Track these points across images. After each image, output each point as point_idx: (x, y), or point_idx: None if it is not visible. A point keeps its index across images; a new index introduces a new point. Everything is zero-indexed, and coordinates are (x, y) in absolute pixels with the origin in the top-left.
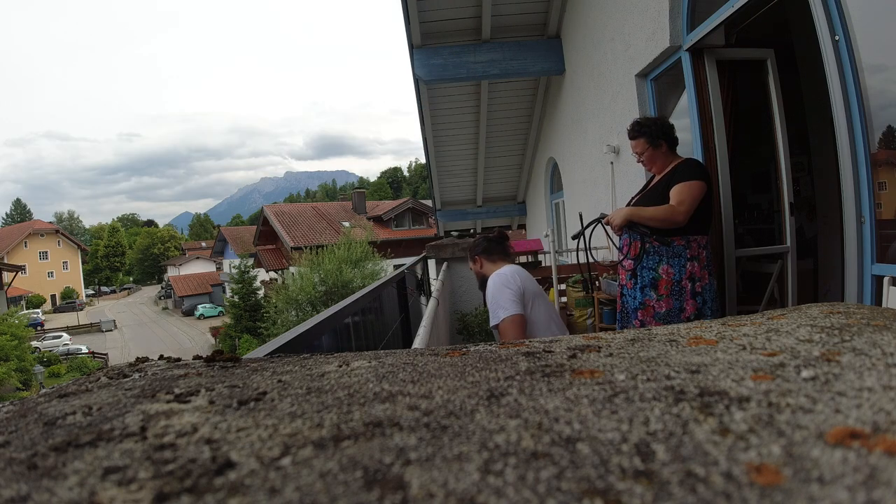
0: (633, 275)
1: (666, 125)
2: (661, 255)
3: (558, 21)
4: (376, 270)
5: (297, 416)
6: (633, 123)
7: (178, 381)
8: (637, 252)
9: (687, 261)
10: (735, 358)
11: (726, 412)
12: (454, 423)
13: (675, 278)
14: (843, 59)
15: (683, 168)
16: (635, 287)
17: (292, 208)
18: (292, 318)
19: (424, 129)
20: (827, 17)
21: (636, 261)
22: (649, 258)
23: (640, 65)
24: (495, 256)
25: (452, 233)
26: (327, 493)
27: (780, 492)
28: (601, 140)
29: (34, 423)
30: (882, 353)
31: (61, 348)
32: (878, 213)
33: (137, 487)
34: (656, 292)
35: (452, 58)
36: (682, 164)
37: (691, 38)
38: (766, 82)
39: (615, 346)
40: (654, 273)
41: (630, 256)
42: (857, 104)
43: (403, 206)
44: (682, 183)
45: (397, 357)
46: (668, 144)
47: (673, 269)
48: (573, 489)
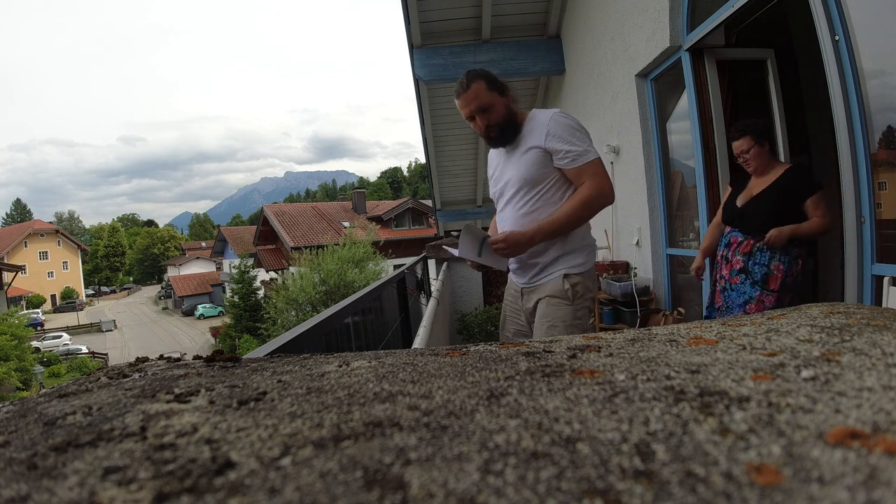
0: (741, 270)
1: (769, 125)
2: (774, 252)
3: (558, 21)
4: (377, 271)
5: (297, 416)
6: (739, 122)
7: (178, 381)
8: (748, 249)
9: (794, 258)
10: (735, 358)
11: (726, 412)
12: (454, 423)
13: (785, 275)
14: (843, 60)
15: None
16: (744, 283)
17: (292, 208)
18: (292, 319)
19: (424, 130)
20: (827, 17)
21: (747, 257)
22: (762, 254)
23: (640, 65)
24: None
25: (452, 233)
26: (327, 493)
27: (780, 492)
28: (601, 140)
29: (34, 423)
30: (882, 353)
31: (61, 348)
32: (878, 213)
33: (137, 487)
34: (766, 288)
35: (452, 58)
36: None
37: (691, 38)
38: (766, 82)
39: (615, 346)
40: (766, 269)
41: (740, 253)
42: (857, 104)
43: (403, 206)
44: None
45: (397, 357)
46: (771, 145)
47: (783, 265)
48: (573, 489)
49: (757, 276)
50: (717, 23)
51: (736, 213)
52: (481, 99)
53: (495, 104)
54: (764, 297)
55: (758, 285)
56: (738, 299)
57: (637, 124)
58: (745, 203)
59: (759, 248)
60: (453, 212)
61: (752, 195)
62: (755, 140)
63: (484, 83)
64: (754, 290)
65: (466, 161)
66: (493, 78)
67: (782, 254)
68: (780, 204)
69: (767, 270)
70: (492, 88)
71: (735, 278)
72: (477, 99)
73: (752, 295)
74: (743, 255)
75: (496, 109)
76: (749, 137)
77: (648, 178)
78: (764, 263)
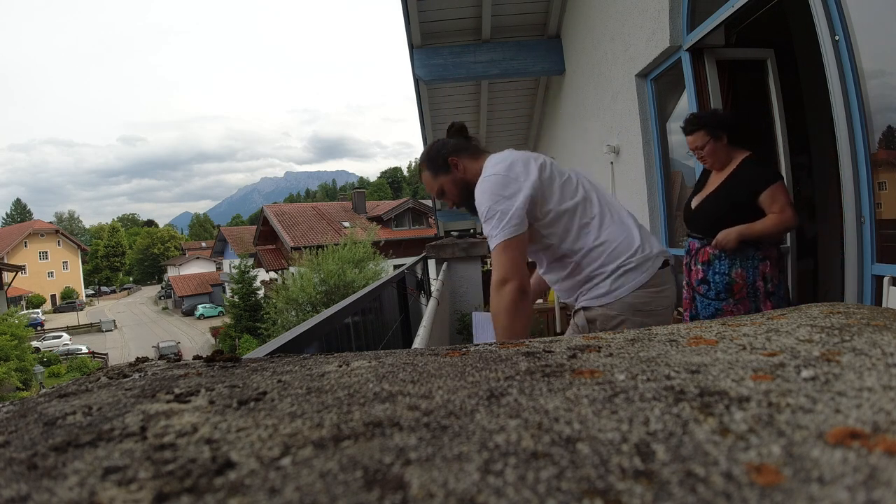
0: (703, 280)
1: (727, 116)
2: (732, 259)
3: (558, 21)
4: (377, 271)
5: (297, 416)
6: (691, 115)
7: (178, 381)
8: (706, 257)
9: (759, 261)
10: (735, 358)
11: (726, 412)
12: (454, 423)
13: (748, 280)
14: (843, 60)
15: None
16: (707, 293)
17: (292, 208)
18: (292, 319)
19: (424, 130)
20: (827, 17)
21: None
22: (721, 263)
23: (640, 65)
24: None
25: (452, 233)
26: (327, 493)
27: (780, 492)
28: (601, 140)
29: (34, 423)
30: (882, 353)
31: (61, 348)
32: (878, 213)
33: (137, 487)
34: (732, 297)
35: (452, 58)
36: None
37: (691, 38)
38: (766, 82)
39: (615, 346)
40: (728, 277)
41: (700, 262)
42: (857, 104)
43: (403, 206)
44: (768, 191)
45: (397, 357)
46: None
47: (746, 271)
48: (573, 489)
49: (719, 287)
50: (717, 23)
51: (688, 215)
52: (431, 187)
53: (444, 185)
54: (733, 307)
55: (722, 296)
56: (705, 312)
57: (637, 124)
58: (699, 203)
59: (716, 256)
60: (453, 212)
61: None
62: (710, 134)
63: (427, 172)
64: (720, 302)
65: None
66: (434, 158)
67: (742, 259)
68: (730, 200)
69: (729, 279)
70: (436, 173)
71: (699, 288)
72: (428, 187)
73: (720, 307)
74: (702, 263)
75: (448, 189)
76: (703, 132)
77: (648, 178)
78: (724, 272)
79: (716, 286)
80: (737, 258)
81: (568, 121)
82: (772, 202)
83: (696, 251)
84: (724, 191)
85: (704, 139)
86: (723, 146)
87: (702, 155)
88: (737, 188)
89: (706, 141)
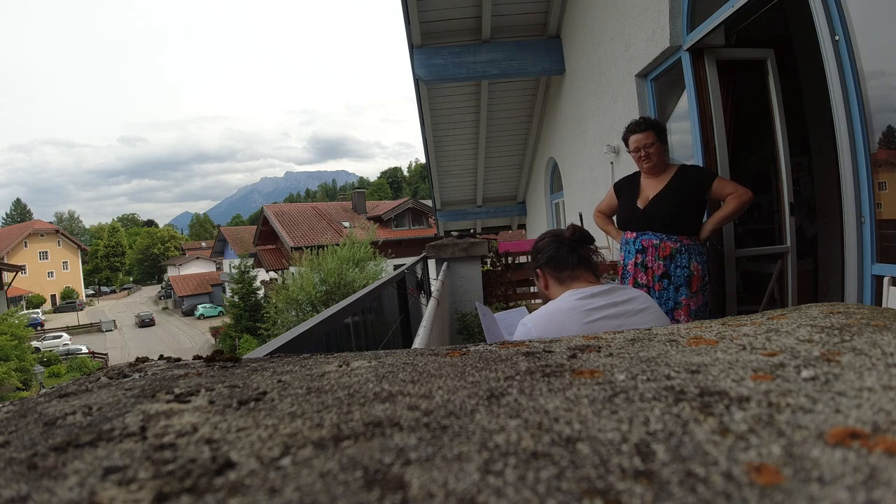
0: (663, 275)
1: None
2: (690, 253)
3: (558, 21)
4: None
5: (297, 416)
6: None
7: (178, 381)
8: (668, 252)
9: (706, 256)
10: (735, 358)
11: (726, 412)
12: (454, 423)
13: (702, 273)
14: (843, 60)
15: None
16: (667, 288)
17: (292, 208)
18: (292, 318)
19: (424, 129)
20: (827, 17)
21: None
22: (681, 256)
23: (640, 65)
24: (569, 270)
25: (452, 233)
26: (327, 493)
27: (780, 492)
28: (601, 140)
29: (34, 423)
30: (882, 353)
31: (61, 348)
32: (878, 213)
33: (137, 487)
34: (689, 290)
35: (452, 58)
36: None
37: (691, 38)
38: (766, 82)
39: (615, 346)
40: (688, 270)
41: (660, 258)
42: (857, 104)
43: (403, 206)
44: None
45: (397, 357)
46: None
47: (700, 265)
48: (573, 489)
49: (680, 280)
50: (717, 23)
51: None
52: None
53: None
54: (689, 300)
55: (683, 289)
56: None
57: None
58: (647, 205)
59: (677, 250)
60: (453, 212)
61: (649, 197)
62: (657, 136)
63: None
64: (679, 295)
65: (466, 161)
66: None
67: (696, 253)
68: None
69: (689, 272)
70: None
71: (657, 284)
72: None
73: (678, 300)
74: (663, 258)
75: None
76: (653, 132)
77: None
78: (684, 265)
79: (676, 280)
80: (693, 252)
81: (568, 121)
82: (723, 188)
83: (656, 247)
84: (671, 190)
85: (653, 138)
86: (664, 152)
87: (648, 153)
88: (685, 185)
89: (654, 141)
